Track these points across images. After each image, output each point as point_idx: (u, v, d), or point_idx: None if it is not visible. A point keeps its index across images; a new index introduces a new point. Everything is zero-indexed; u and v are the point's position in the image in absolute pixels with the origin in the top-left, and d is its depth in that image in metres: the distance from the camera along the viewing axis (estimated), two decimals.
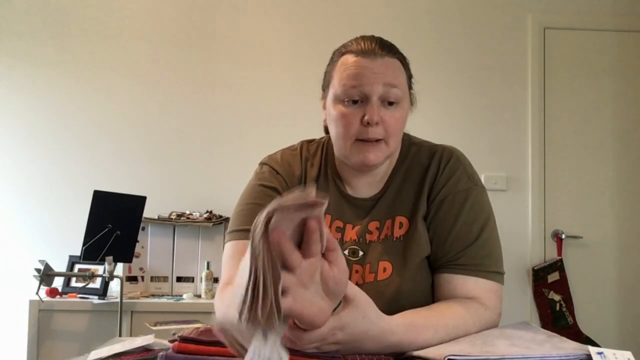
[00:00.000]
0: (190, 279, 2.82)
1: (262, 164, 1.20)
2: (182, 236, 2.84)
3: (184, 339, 0.79)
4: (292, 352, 0.78)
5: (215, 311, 1.01)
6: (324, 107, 1.14)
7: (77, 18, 3.15)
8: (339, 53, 1.11)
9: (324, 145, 1.21)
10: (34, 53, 3.11)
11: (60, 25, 3.13)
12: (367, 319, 0.82)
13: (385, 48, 1.07)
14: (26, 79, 3.10)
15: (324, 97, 1.14)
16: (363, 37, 1.10)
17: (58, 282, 2.62)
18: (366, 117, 1.04)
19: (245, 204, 1.12)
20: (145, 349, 0.90)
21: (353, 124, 1.06)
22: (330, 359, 0.79)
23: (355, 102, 1.06)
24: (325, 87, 1.14)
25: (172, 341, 0.81)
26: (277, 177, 1.15)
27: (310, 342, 0.76)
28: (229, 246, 1.09)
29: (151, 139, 3.12)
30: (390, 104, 1.06)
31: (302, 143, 1.23)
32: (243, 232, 1.08)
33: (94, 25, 3.15)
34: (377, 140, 1.06)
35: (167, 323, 1.40)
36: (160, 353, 0.77)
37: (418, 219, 1.10)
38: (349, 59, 1.07)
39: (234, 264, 1.05)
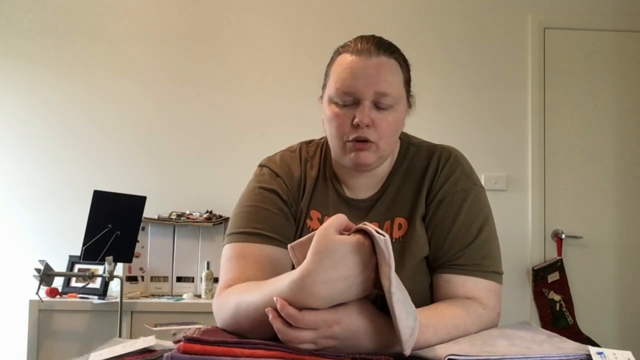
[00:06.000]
0: (190, 279, 2.82)
1: (261, 166, 1.19)
2: (182, 236, 2.84)
3: (189, 339, 0.78)
4: (297, 350, 0.79)
5: (214, 313, 1.01)
6: (322, 106, 1.14)
7: (78, 18, 3.15)
8: (337, 52, 1.11)
9: (323, 146, 1.21)
10: (34, 53, 3.11)
11: (60, 26, 3.13)
12: (363, 314, 0.82)
13: (383, 47, 1.06)
14: (26, 79, 3.10)
15: (322, 96, 1.14)
16: (362, 37, 1.09)
17: (58, 282, 2.62)
18: (356, 120, 1.04)
19: (244, 207, 1.12)
20: (147, 350, 0.90)
21: (345, 124, 1.05)
22: (335, 357, 0.79)
23: (347, 104, 1.06)
24: (323, 86, 1.14)
25: (176, 341, 0.80)
26: (276, 180, 1.14)
27: (305, 324, 0.78)
28: (228, 248, 1.08)
29: (151, 139, 3.12)
30: (383, 108, 1.06)
31: (301, 144, 1.23)
32: (242, 235, 1.07)
33: (94, 26, 3.15)
34: (369, 142, 1.06)
35: (167, 324, 1.41)
36: (166, 354, 0.76)
37: (417, 219, 1.10)
38: (345, 58, 1.07)
39: (233, 266, 1.04)
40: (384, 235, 0.77)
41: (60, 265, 2.67)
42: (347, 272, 0.78)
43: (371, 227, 0.79)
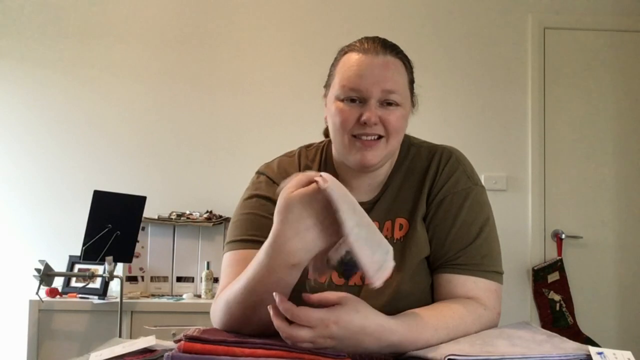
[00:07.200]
0: (190, 279, 2.83)
1: (258, 173, 1.20)
2: (182, 236, 2.84)
3: (190, 338, 0.78)
4: (297, 349, 0.79)
5: (212, 319, 1.01)
6: (326, 105, 1.14)
7: (78, 18, 3.14)
8: (342, 51, 1.11)
9: (323, 149, 1.21)
10: (34, 53, 3.11)
11: (60, 26, 3.13)
12: (361, 313, 0.83)
13: (389, 47, 1.08)
14: (27, 79, 3.10)
15: (326, 94, 1.14)
16: (367, 37, 1.10)
17: (58, 282, 2.62)
18: (363, 118, 1.04)
19: (241, 215, 1.13)
20: (147, 350, 0.90)
21: (350, 119, 1.05)
22: (335, 357, 0.79)
23: (354, 101, 1.06)
24: (327, 85, 1.14)
25: (177, 341, 0.80)
26: (273, 187, 1.14)
27: (301, 320, 0.79)
28: (227, 256, 1.09)
29: (151, 139, 3.12)
30: (390, 104, 1.06)
31: (301, 149, 1.22)
32: (240, 243, 1.08)
33: (94, 26, 3.15)
34: (377, 139, 1.05)
35: (166, 325, 1.41)
36: (166, 353, 0.77)
37: (417, 219, 1.10)
38: (351, 57, 1.07)
39: (230, 272, 1.06)
40: (326, 181, 0.79)
41: (60, 265, 2.66)
42: (311, 220, 0.81)
43: (316, 174, 0.81)
